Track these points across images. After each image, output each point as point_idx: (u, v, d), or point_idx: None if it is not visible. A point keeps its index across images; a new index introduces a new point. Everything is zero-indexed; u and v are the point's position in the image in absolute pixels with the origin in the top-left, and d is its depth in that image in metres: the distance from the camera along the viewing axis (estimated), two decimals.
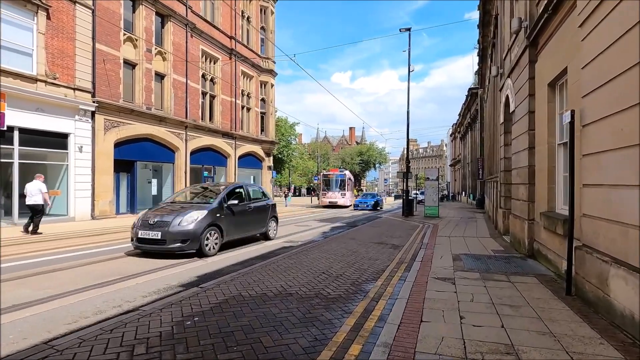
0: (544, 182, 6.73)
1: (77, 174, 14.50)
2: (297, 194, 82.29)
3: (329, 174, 31.76)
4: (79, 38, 14.56)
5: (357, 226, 14.12)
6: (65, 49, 14.10)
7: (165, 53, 19.25)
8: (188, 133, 20.76)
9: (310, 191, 68.35)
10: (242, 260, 7.19)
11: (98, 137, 15.41)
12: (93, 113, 15.14)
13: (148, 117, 17.97)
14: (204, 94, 22.71)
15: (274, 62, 30.22)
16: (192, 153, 21.28)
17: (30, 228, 10.58)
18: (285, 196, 28.25)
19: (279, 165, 46.32)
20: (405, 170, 20.21)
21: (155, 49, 18.62)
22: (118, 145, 16.57)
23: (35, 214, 10.62)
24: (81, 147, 14.61)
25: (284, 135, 42.20)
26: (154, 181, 19.23)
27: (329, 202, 29.95)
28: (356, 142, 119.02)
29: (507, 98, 10.01)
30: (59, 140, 14.11)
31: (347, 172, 33.19)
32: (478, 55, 25.64)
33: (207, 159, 22.97)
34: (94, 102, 15.08)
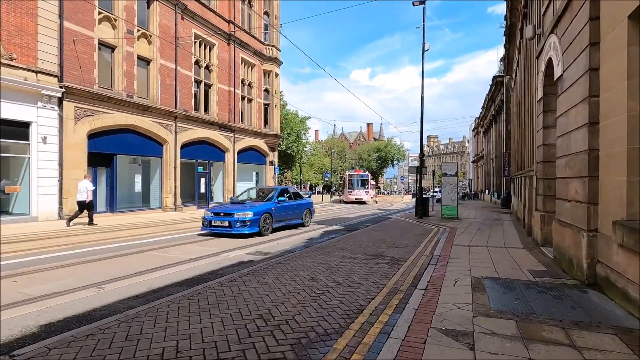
0: (619, 174, 4.29)
1: (40, 168, 12.85)
2: (313, 191, 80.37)
3: (353, 174, 35.46)
4: (42, 14, 12.87)
5: (357, 230, 11.83)
6: (24, 26, 12.43)
7: (150, 36, 17.46)
8: (178, 124, 18.94)
9: (326, 188, 65.77)
10: (157, 287, 5.02)
11: (67, 126, 13.73)
12: (60, 99, 13.47)
13: (129, 106, 16.22)
14: (197, 82, 20.86)
15: (279, 50, 28.12)
16: (183, 146, 19.47)
17: (87, 222, 12.07)
18: None
19: (289, 161, 44.33)
20: (418, 165, 17.67)
21: (139, 30, 16.83)
22: (93, 136, 14.88)
23: (82, 209, 12.07)
24: (45, 137, 12.95)
25: (294, 130, 40.13)
26: (139, 177, 17.51)
27: (355, 199, 33.67)
28: (374, 138, 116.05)
29: (548, 63, 7.47)
30: (18, 129, 12.48)
31: (368, 173, 38.14)
32: (505, 35, 22.67)
33: (201, 153, 21.14)
34: (60, 87, 13.39)
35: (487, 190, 41.76)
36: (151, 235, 10.19)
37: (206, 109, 21.67)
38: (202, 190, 21.38)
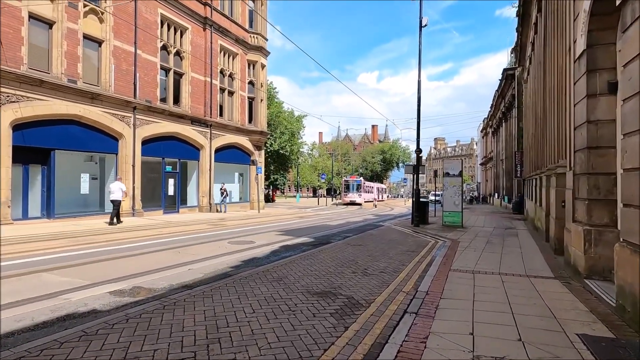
0: None
1: None
2: (315, 194, 77.69)
3: (349, 180, 40.62)
4: None
5: (327, 244, 9.07)
6: None
7: (102, 13, 15.01)
8: (138, 116, 16.43)
9: (329, 192, 63.24)
10: None
11: None
12: None
13: (72, 93, 13.73)
14: (165, 69, 18.38)
15: (266, 39, 25.59)
16: (145, 142, 16.95)
17: (115, 220, 13.01)
18: (223, 196, 20.60)
19: (285, 161, 41.69)
20: (415, 163, 14.88)
21: (86, 5, 14.38)
22: (21, 127, 12.40)
23: (116, 207, 13.25)
24: None
25: (287, 128, 37.52)
26: (85, 177, 14.98)
27: (349, 201, 37.87)
28: (379, 140, 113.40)
29: None
30: None
31: (362, 179, 42.56)
32: (517, 17, 19.82)
33: (170, 150, 18.60)
34: None
35: (496, 194, 38.81)
36: (35, 253, 7.57)
37: (177, 101, 19.17)
38: (171, 192, 18.82)
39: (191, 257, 7.08)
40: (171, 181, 18.83)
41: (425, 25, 14.13)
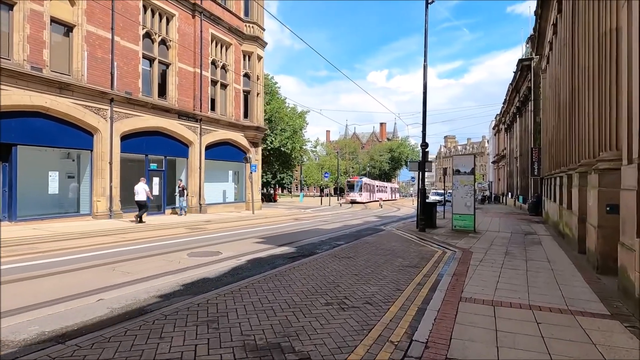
0: None
1: None
2: (323, 194, 76.10)
3: (351, 180, 44.20)
4: None
5: (310, 257, 7.43)
6: None
7: None
8: (116, 109, 15.00)
9: (336, 191, 62.40)
10: None
11: None
12: None
13: (37, 82, 12.33)
14: (149, 59, 16.94)
15: (263, 30, 24.03)
16: (125, 137, 15.53)
17: (136, 218, 13.51)
18: (181, 195, 17.69)
19: (288, 160, 40.11)
20: (420, 160, 13.11)
21: None
22: None
23: (140, 208, 13.76)
24: None
25: (289, 125, 35.93)
26: (55, 175, 13.58)
27: (351, 200, 41.05)
28: (387, 138, 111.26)
29: None
30: None
31: (364, 179, 45.39)
32: None
33: (154, 147, 17.16)
34: None
35: (510, 193, 36.69)
36: None
37: (162, 93, 17.72)
38: (156, 192, 17.38)
39: (122, 278, 5.51)
40: (156, 180, 17.39)
41: (432, 1, 12.37)
